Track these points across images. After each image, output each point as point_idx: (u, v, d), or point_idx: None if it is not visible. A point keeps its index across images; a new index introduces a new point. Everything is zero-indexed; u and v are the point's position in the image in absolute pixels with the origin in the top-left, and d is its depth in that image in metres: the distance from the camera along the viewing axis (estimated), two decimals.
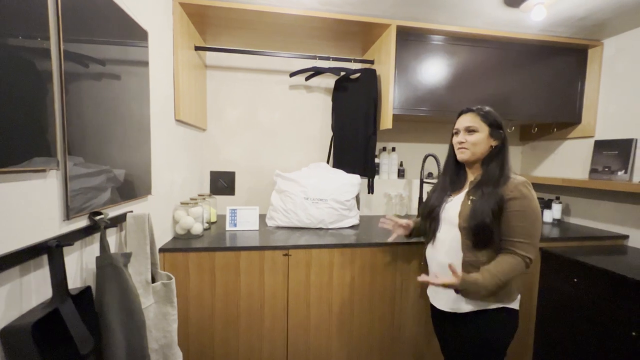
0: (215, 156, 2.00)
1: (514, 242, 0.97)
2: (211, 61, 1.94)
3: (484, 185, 1.02)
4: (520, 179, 1.00)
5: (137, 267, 0.97)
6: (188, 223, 1.41)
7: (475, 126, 1.05)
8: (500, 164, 1.03)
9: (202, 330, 1.34)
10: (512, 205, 0.96)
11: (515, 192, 0.97)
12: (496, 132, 1.04)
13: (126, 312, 0.82)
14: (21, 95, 0.59)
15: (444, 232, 1.09)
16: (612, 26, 1.68)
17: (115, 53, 0.91)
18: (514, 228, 0.97)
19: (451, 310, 1.07)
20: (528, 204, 0.96)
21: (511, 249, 0.97)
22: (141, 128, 1.09)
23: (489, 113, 1.06)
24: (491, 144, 1.05)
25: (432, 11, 1.56)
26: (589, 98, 1.90)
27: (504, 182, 0.99)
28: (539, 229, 0.99)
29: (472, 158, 1.07)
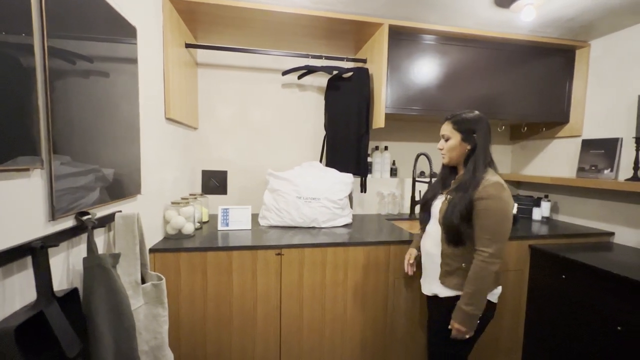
0: (207, 155, 1.97)
1: (478, 240, 1.06)
2: (202, 59, 1.91)
3: (458, 187, 1.11)
4: (492, 180, 1.05)
5: (126, 267, 0.95)
6: (179, 223, 1.39)
7: (447, 134, 1.17)
8: (472, 167, 1.10)
9: (193, 331, 1.33)
10: (478, 205, 1.04)
11: (482, 193, 1.03)
12: (469, 137, 1.12)
13: (115, 313, 0.81)
14: (3, 92, 0.57)
15: (431, 225, 1.23)
16: (599, 28, 1.72)
17: (103, 50, 0.89)
18: (478, 226, 1.05)
19: (431, 293, 1.21)
20: (493, 204, 1.02)
21: (476, 249, 1.06)
22: (130, 126, 1.07)
23: (461, 120, 1.14)
24: (467, 147, 1.13)
25: (424, 11, 1.57)
26: (577, 98, 1.94)
27: (475, 185, 1.06)
28: (503, 227, 1.04)
29: (450, 162, 1.19)
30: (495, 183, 1.04)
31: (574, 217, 1.97)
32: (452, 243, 1.11)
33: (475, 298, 1.04)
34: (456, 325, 1.07)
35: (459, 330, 1.07)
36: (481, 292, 1.05)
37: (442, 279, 1.15)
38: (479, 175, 1.07)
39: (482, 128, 1.11)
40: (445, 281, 1.14)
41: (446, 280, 1.14)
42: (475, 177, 1.07)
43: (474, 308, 1.04)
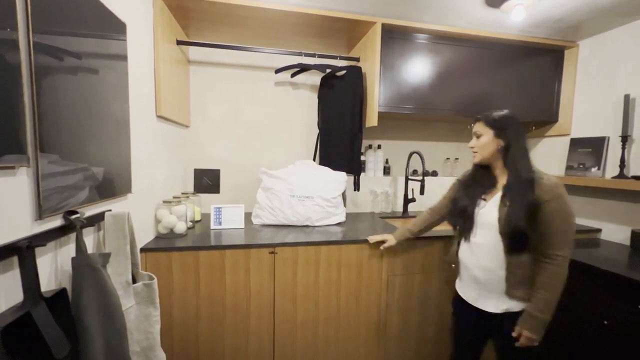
0: (199, 153, 1.96)
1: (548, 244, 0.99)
2: (194, 56, 1.89)
3: (513, 188, 1.03)
4: (552, 180, 1.00)
5: (117, 267, 0.94)
6: (171, 222, 1.38)
7: (479, 131, 1.11)
8: (514, 166, 1.04)
9: (186, 331, 1.32)
10: (546, 207, 0.97)
11: (549, 194, 0.98)
12: (501, 132, 1.06)
13: (105, 314, 0.80)
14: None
15: (481, 237, 1.09)
16: (587, 28, 1.75)
17: (92, 46, 0.88)
18: (548, 229, 0.98)
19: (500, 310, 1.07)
20: (562, 205, 0.98)
21: (546, 252, 0.99)
22: (120, 124, 1.05)
23: (492, 116, 1.09)
24: (499, 144, 1.07)
25: (417, 10, 1.57)
26: (565, 97, 1.97)
27: (530, 185, 1.00)
28: (572, 228, 1.01)
29: (482, 160, 1.12)
30: (557, 183, 0.99)
31: None
32: (516, 251, 1.01)
33: (550, 304, 0.98)
34: (527, 333, 1.00)
35: (529, 338, 1.00)
36: (556, 298, 0.99)
37: (511, 292, 1.04)
38: (528, 174, 1.01)
39: (514, 124, 1.06)
40: (516, 294, 1.03)
41: (517, 293, 1.03)
42: (521, 177, 1.01)
43: (548, 315, 0.98)
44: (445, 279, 1.56)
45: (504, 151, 1.07)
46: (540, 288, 0.99)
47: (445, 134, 2.31)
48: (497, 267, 1.05)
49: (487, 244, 1.07)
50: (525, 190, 1.00)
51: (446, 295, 1.57)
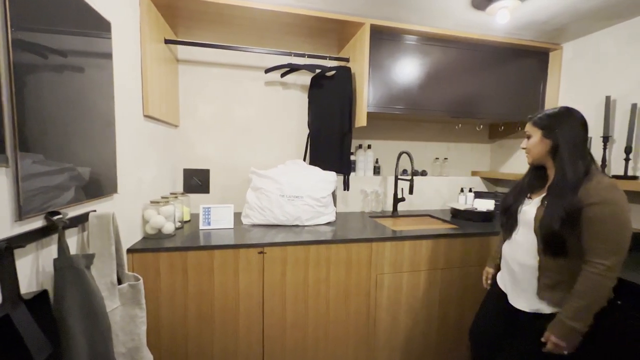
0: (188, 153, 1.94)
1: (591, 251, 0.93)
2: (183, 55, 1.88)
3: (552, 190, 1.02)
4: (605, 182, 0.94)
5: (101, 268, 0.93)
6: (159, 222, 1.36)
7: (529, 132, 1.12)
8: (560, 166, 1.02)
9: (174, 332, 1.31)
10: (588, 211, 0.92)
11: (594, 197, 0.92)
12: (549, 132, 1.05)
13: (88, 315, 0.79)
14: None
15: (521, 234, 1.11)
16: (570, 31, 1.79)
17: (74, 44, 0.87)
18: (591, 235, 0.93)
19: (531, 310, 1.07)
20: (608, 209, 0.90)
21: (588, 260, 0.94)
22: (105, 123, 1.04)
23: (541, 116, 1.09)
24: (549, 144, 1.06)
25: (405, 11, 1.59)
26: (550, 98, 2.02)
27: (573, 186, 0.96)
28: (623, 236, 0.91)
29: (534, 161, 1.12)
30: (608, 185, 0.92)
31: None
32: (551, 254, 0.99)
33: (583, 313, 0.93)
34: (554, 339, 0.96)
35: (557, 345, 0.96)
36: (591, 308, 0.92)
37: (541, 293, 1.03)
38: (574, 175, 0.97)
39: (567, 123, 1.03)
40: (546, 296, 1.02)
41: (547, 295, 1.02)
42: (566, 177, 0.98)
43: (581, 324, 0.93)
44: (432, 277, 1.58)
45: (554, 151, 1.04)
46: (575, 295, 0.94)
47: (435, 134, 2.34)
48: (532, 265, 1.05)
49: (526, 242, 1.08)
50: (566, 192, 0.96)
51: (433, 291, 1.60)
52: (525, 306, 1.09)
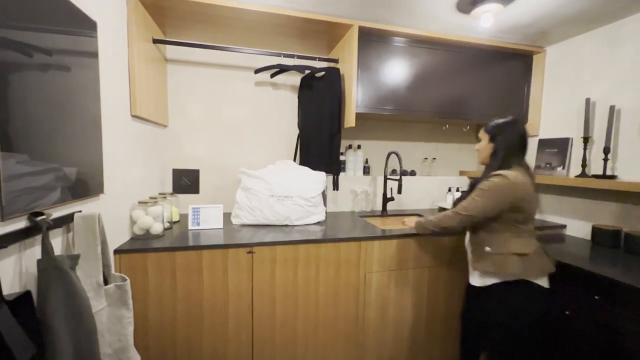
0: (177, 154, 1.93)
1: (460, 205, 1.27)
2: (172, 55, 1.87)
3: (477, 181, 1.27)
4: (501, 173, 1.18)
5: (87, 269, 0.93)
6: (147, 223, 1.36)
7: (480, 136, 1.34)
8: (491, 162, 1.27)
9: (162, 333, 1.31)
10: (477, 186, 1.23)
11: (487, 181, 1.20)
12: (493, 138, 1.27)
13: (73, 316, 0.78)
14: None
15: None
16: (553, 35, 1.84)
17: (58, 43, 0.86)
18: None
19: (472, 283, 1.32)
20: (485, 185, 1.19)
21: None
22: (92, 123, 1.03)
23: (490, 125, 1.30)
24: (491, 147, 1.27)
25: (392, 14, 1.62)
26: (534, 100, 2.07)
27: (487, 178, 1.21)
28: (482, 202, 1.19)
29: (482, 161, 1.34)
30: (498, 174, 1.18)
31: None
32: (471, 230, 1.32)
33: (431, 223, 1.36)
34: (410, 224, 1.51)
35: (407, 224, 1.54)
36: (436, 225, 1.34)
37: (474, 264, 1.28)
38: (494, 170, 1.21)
39: (507, 132, 1.24)
40: (477, 266, 1.26)
41: (477, 265, 1.26)
42: (490, 172, 1.22)
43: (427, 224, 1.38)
44: (419, 275, 1.61)
45: (493, 153, 1.26)
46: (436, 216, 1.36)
47: (423, 134, 2.38)
48: (467, 243, 1.36)
49: None
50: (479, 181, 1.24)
51: (421, 288, 1.63)
52: (474, 281, 1.31)
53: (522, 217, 1.19)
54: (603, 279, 1.23)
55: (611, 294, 1.20)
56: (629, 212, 1.58)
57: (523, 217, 1.19)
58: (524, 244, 1.19)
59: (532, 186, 1.20)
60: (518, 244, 1.18)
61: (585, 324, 1.29)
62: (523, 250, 1.17)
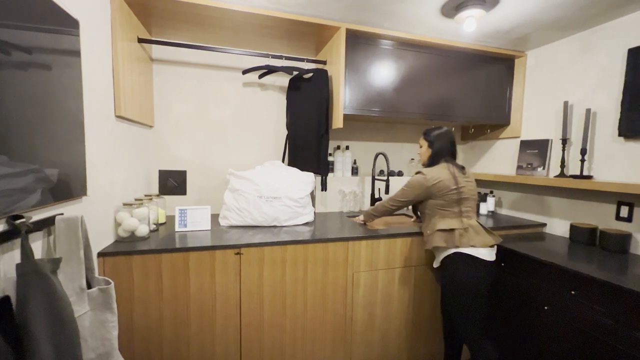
0: (164, 154, 1.91)
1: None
2: (158, 55, 1.84)
3: None
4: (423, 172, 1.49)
5: (69, 273, 0.91)
6: (131, 225, 1.34)
7: (420, 143, 1.61)
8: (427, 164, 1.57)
9: (148, 335, 1.29)
10: None
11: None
12: (432, 144, 1.54)
13: (55, 321, 0.77)
14: None
15: None
16: (533, 40, 1.91)
17: (39, 41, 0.84)
18: None
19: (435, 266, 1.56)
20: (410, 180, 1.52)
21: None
22: (74, 123, 1.01)
23: (428, 131, 1.57)
24: (430, 151, 1.55)
25: (379, 17, 1.64)
26: (516, 102, 2.14)
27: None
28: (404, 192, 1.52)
29: (422, 162, 1.61)
30: (419, 172, 1.50)
31: (514, 211, 2.18)
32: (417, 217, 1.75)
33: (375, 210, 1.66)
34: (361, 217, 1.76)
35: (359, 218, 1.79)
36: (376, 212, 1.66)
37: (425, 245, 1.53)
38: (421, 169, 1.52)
39: (441, 139, 1.52)
40: (427, 247, 1.50)
41: (427, 247, 1.49)
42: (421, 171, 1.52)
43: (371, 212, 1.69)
44: (406, 274, 1.64)
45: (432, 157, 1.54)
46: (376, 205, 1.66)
47: (410, 135, 2.42)
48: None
49: None
50: None
51: (407, 287, 1.65)
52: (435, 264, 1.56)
53: (442, 202, 1.43)
54: (579, 274, 1.28)
55: (586, 289, 1.26)
56: (604, 211, 1.65)
57: (443, 202, 1.43)
58: (448, 223, 1.42)
59: (451, 179, 1.42)
60: (442, 223, 1.43)
61: (563, 318, 1.35)
62: (446, 227, 1.41)
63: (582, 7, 1.50)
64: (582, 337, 1.27)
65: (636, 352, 1.09)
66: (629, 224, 1.55)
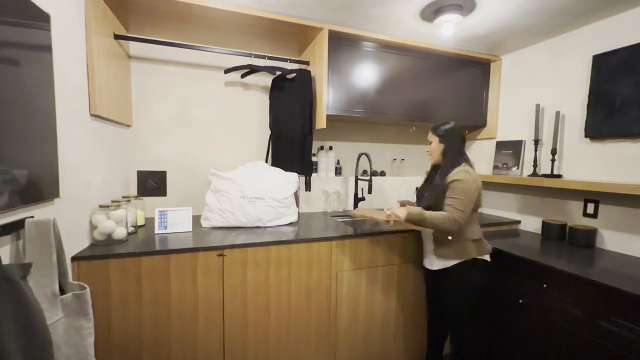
0: (143, 155, 1.85)
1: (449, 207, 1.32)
2: (136, 52, 1.79)
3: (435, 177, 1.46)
4: (459, 169, 1.36)
5: (40, 278, 0.87)
6: (108, 227, 1.29)
7: (430, 139, 1.49)
8: (446, 160, 1.43)
9: (127, 342, 1.25)
10: (450, 185, 1.34)
11: (454, 177, 1.34)
12: (443, 139, 1.44)
13: (24, 330, 0.73)
14: None
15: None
16: (507, 45, 2.00)
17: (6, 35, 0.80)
18: (449, 198, 1.33)
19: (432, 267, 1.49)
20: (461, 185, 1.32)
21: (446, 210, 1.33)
22: (45, 122, 0.97)
23: (437, 127, 1.47)
24: (442, 147, 1.44)
25: (360, 19, 1.67)
26: (492, 104, 2.23)
27: (447, 172, 1.38)
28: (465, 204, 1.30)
29: (435, 161, 1.50)
30: (460, 171, 1.35)
31: (491, 209, 2.27)
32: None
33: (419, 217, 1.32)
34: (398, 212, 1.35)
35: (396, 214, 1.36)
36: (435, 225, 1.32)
37: (436, 250, 1.43)
38: (445, 169, 1.40)
39: (453, 134, 1.43)
40: (439, 252, 1.42)
41: (439, 251, 1.42)
42: (448, 168, 1.39)
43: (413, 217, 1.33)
44: (389, 272, 1.68)
45: (444, 153, 1.44)
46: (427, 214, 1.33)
47: (392, 136, 2.47)
48: (429, 234, 1.47)
49: None
50: (440, 179, 1.39)
51: (390, 284, 1.69)
52: (433, 265, 1.48)
53: (475, 206, 1.37)
54: (549, 268, 1.35)
55: (557, 282, 1.33)
56: (573, 208, 1.75)
57: (476, 206, 1.38)
58: (474, 230, 1.40)
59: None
60: (471, 231, 1.39)
61: (536, 310, 1.42)
62: (476, 236, 1.39)
63: (550, 15, 1.58)
64: (553, 328, 1.34)
65: (602, 340, 1.16)
66: (595, 220, 1.65)
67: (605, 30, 1.61)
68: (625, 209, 1.53)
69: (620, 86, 1.52)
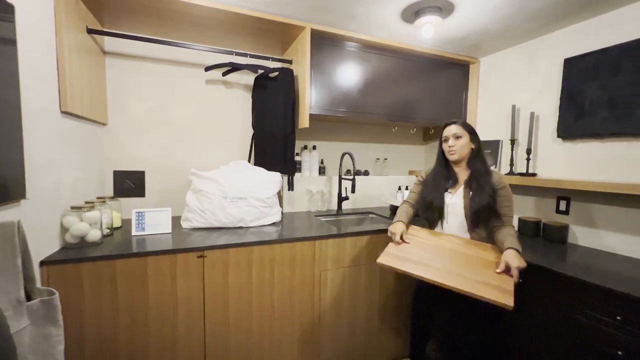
0: (119, 154, 1.79)
1: (508, 218, 1.30)
2: (111, 47, 1.72)
3: (476, 179, 1.33)
4: (500, 174, 1.35)
5: (4, 284, 0.81)
6: (81, 230, 1.24)
7: (460, 133, 1.36)
8: (482, 161, 1.36)
9: (101, 349, 1.20)
10: (501, 193, 1.30)
11: (501, 184, 1.31)
12: (474, 137, 1.37)
13: None
14: None
15: (451, 222, 1.39)
16: (484, 48, 2.06)
17: None
18: (505, 208, 1.31)
19: None
20: (509, 191, 1.32)
21: (507, 223, 1.31)
22: (8, 119, 0.91)
23: (467, 123, 1.39)
24: (471, 146, 1.37)
25: (343, 19, 1.67)
26: (471, 105, 2.29)
27: (490, 175, 1.32)
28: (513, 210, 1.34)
29: (460, 158, 1.38)
30: (502, 175, 1.36)
31: None
32: (476, 229, 1.34)
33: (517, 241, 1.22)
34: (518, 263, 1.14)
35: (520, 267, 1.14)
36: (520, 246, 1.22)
37: None
38: (488, 167, 1.35)
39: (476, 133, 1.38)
40: None
41: None
42: (487, 168, 1.34)
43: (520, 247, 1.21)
44: (372, 270, 1.69)
45: (475, 152, 1.36)
46: (507, 235, 1.25)
47: (375, 135, 2.49)
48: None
49: (456, 227, 1.38)
50: (486, 183, 1.30)
51: (373, 282, 1.70)
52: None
53: None
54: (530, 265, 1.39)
55: (534, 277, 1.38)
56: (546, 205, 1.82)
57: None
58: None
59: None
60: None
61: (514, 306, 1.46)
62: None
63: (524, 19, 1.64)
64: (530, 324, 1.38)
65: (577, 334, 1.21)
66: (567, 217, 1.72)
67: (575, 35, 1.68)
68: (594, 205, 1.60)
69: (589, 88, 1.59)
